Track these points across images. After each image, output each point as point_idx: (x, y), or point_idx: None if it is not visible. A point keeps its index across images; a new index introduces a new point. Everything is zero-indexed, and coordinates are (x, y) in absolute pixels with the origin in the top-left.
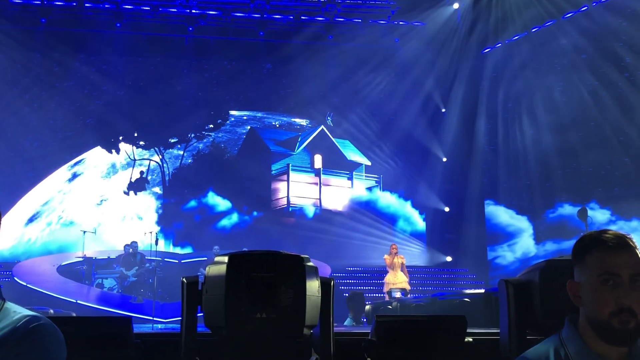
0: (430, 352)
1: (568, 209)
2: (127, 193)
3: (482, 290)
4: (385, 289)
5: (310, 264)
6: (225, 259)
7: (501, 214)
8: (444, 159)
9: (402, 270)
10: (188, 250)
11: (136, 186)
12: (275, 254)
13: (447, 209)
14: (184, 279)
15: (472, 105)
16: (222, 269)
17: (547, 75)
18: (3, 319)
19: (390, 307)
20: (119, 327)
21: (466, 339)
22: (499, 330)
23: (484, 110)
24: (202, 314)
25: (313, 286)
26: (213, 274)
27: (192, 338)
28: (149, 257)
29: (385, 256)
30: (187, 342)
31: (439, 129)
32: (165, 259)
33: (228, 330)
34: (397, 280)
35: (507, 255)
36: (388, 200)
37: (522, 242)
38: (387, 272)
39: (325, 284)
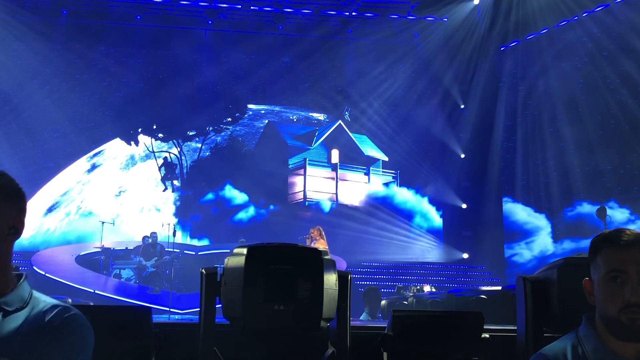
0: (446, 347)
1: (587, 208)
2: (165, 190)
3: (499, 287)
4: None
5: (328, 257)
6: (244, 250)
7: (519, 212)
8: (462, 156)
9: None
10: (205, 242)
11: (169, 177)
12: (294, 246)
13: (464, 206)
14: (203, 270)
15: (491, 102)
16: (241, 260)
17: (567, 73)
18: (34, 307)
19: (405, 302)
20: (138, 317)
21: (483, 335)
22: (515, 327)
23: (503, 107)
24: (220, 305)
25: (330, 279)
26: (232, 266)
27: (211, 328)
28: (167, 249)
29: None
30: (206, 332)
31: (457, 125)
32: (184, 251)
33: (246, 321)
34: None
35: (524, 253)
36: (405, 196)
37: (539, 240)
38: (402, 267)
39: (342, 278)
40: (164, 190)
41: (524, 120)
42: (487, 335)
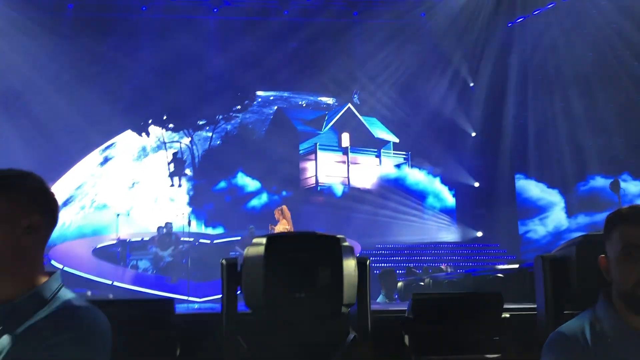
0: (467, 328)
1: (600, 182)
2: (172, 185)
3: (516, 266)
4: None
5: (347, 244)
6: (264, 240)
7: (532, 188)
8: (473, 134)
9: None
10: (219, 230)
11: (177, 172)
12: (313, 234)
13: (476, 184)
14: (224, 261)
15: (501, 79)
16: (261, 250)
17: (577, 47)
18: (51, 306)
19: (422, 283)
20: (161, 309)
21: (503, 315)
22: (534, 306)
23: (513, 84)
24: (241, 293)
25: (350, 265)
26: (251, 255)
27: (233, 318)
28: (182, 239)
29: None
30: (228, 321)
31: (467, 103)
32: (199, 240)
33: (268, 310)
34: None
35: (538, 229)
36: (417, 177)
37: (553, 215)
38: (417, 248)
39: (361, 263)
40: (171, 186)
41: (534, 96)
42: (507, 315)
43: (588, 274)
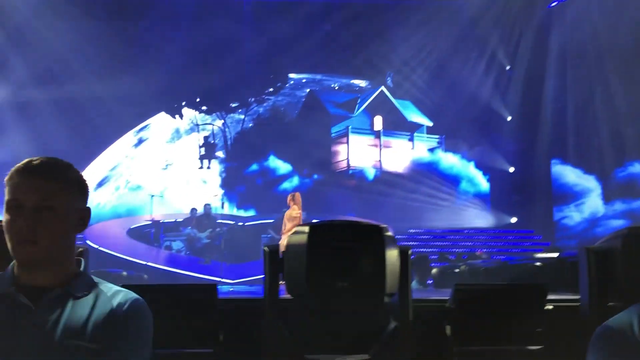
0: (510, 319)
1: (638, 168)
2: (201, 167)
3: (555, 255)
4: None
5: (389, 233)
6: (306, 228)
7: (568, 174)
8: (509, 118)
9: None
10: (251, 213)
11: (206, 156)
12: (356, 223)
13: (511, 169)
14: (266, 248)
15: (540, 62)
16: (303, 238)
17: (618, 28)
18: (99, 293)
19: (457, 270)
20: (204, 294)
21: (546, 307)
22: (577, 297)
23: (552, 67)
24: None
25: (392, 255)
26: (294, 243)
27: (275, 304)
28: (218, 221)
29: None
30: (270, 308)
31: (503, 87)
32: (232, 222)
33: (310, 298)
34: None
35: (574, 215)
36: (450, 161)
37: (590, 202)
38: (450, 233)
39: (403, 252)
40: (199, 168)
41: (573, 79)
42: (550, 307)
43: (634, 266)
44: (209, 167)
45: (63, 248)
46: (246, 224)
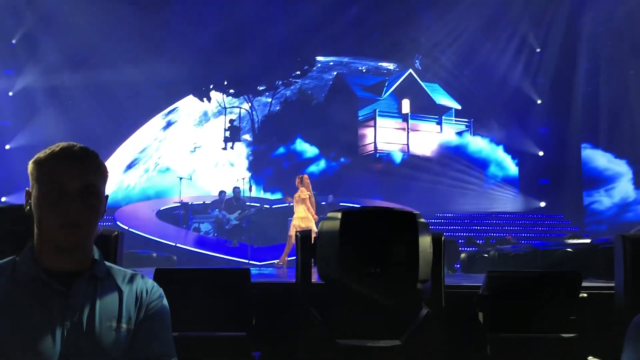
0: (544, 307)
1: None
2: (224, 148)
3: (588, 241)
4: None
5: (422, 220)
6: (339, 215)
7: (598, 158)
8: (539, 101)
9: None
10: (278, 196)
11: (231, 138)
12: (389, 210)
13: (541, 153)
14: (298, 234)
15: (571, 45)
16: (336, 224)
17: None
18: (116, 276)
19: (486, 255)
20: (238, 279)
21: (580, 295)
22: (611, 284)
23: (584, 50)
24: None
25: (425, 242)
26: (327, 229)
27: (307, 289)
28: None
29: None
30: (303, 292)
31: (533, 70)
32: (260, 205)
33: (342, 284)
34: (293, 217)
35: (604, 200)
36: (479, 144)
37: (620, 186)
38: (477, 217)
39: (436, 239)
40: (223, 149)
41: (605, 62)
42: (584, 295)
43: None
44: (232, 148)
45: (94, 233)
46: (273, 206)
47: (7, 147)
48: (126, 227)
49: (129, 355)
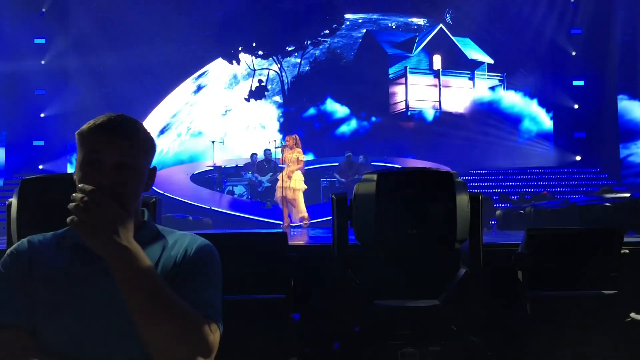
0: (584, 265)
1: None
2: (247, 100)
3: (627, 195)
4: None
5: (459, 179)
6: (374, 176)
7: (635, 109)
8: (573, 53)
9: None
10: (310, 157)
11: (256, 94)
12: (425, 170)
13: (576, 106)
14: (333, 196)
15: None
16: (372, 186)
17: None
18: (166, 239)
19: (522, 212)
20: (275, 242)
21: (622, 251)
22: None
23: None
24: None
25: (462, 201)
26: (363, 192)
27: (344, 251)
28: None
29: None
30: (339, 254)
31: (567, 20)
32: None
33: (380, 245)
34: (287, 179)
35: None
36: (512, 99)
37: None
38: (512, 173)
39: (473, 198)
40: (245, 99)
41: None
42: (626, 250)
43: None
44: (248, 98)
45: (135, 205)
46: (305, 168)
47: (42, 115)
48: (161, 192)
49: None
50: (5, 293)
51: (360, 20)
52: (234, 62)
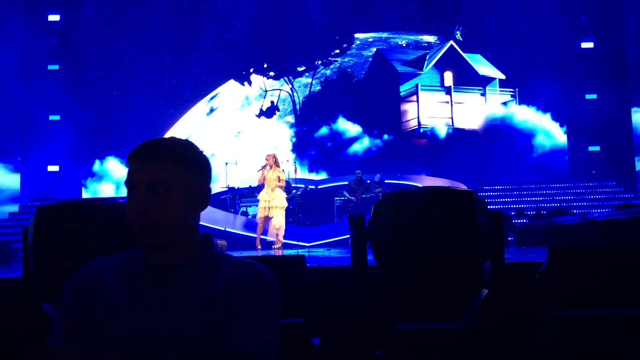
0: (614, 283)
1: None
2: (258, 117)
3: None
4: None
5: (479, 197)
6: (393, 197)
7: None
8: (585, 67)
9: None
10: (323, 175)
11: (267, 113)
12: (444, 190)
13: (589, 120)
14: (351, 217)
15: (614, 5)
16: (391, 207)
17: None
18: (225, 268)
19: (539, 228)
20: (294, 265)
21: None
22: None
23: (631, 11)
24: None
25: (483, 220)
26: (381, 213)
27: (363, 273)
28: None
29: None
30: (359, 277)
31: (578, 33)
32: (307, 186)
33: (399, 266)
34: (269, 198)
35: None
36: (525, 114)
37: None
38: (527, 189)
39: (494, 217)
40: (257, 115)
41: None
42: None
43: None
44: (267, 118)
45: (182, 226)
46: (318, 187)
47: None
48: None
49: (218, 345)
50: (66, 317)
51: (370, 39)
52: (245, 83)
